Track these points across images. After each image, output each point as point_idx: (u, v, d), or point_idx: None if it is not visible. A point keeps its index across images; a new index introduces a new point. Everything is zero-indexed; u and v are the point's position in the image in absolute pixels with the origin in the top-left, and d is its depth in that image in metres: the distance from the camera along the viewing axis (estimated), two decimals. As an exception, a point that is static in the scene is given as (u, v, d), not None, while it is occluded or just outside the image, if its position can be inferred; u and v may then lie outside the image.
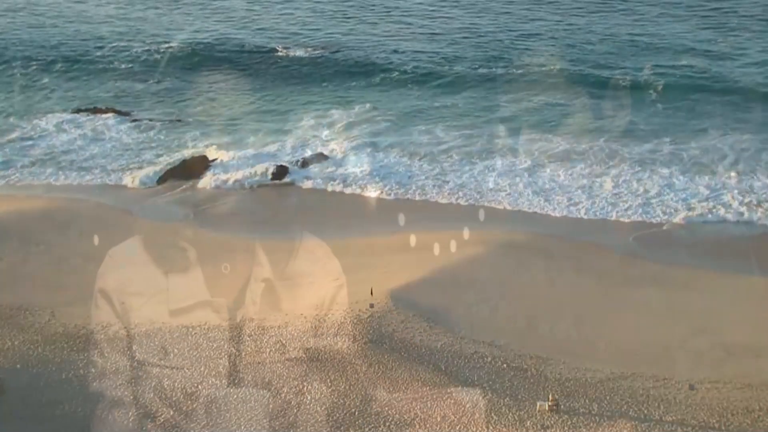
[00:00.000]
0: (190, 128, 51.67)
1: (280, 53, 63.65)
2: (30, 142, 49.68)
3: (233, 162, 46.82)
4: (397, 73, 59.22)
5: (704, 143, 46.91)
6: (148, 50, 64.73)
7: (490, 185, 43.03)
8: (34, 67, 61.97)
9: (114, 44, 66.36)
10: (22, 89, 58.20)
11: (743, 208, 39.92)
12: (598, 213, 40.09)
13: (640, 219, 39.62)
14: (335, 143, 48.67)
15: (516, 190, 42.44)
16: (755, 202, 40.43)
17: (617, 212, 40.04)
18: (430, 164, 45.66)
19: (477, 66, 60.14)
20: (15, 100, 56.54)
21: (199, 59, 63.31)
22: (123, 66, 62.14)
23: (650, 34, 65.30)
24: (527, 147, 47.36)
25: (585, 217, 39.99)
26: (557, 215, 40.24)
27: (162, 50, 64.58)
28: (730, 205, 40.33)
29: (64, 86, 58.59)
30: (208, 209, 42.15)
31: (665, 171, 43.86)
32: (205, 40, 66.66)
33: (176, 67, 61.74)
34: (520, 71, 58.71)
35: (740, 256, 36.38)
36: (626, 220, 39.62)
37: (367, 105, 54.52)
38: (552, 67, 58.32)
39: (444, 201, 42.07)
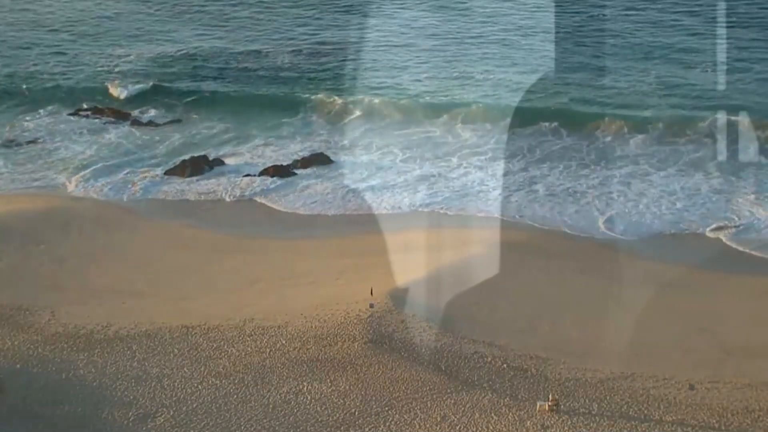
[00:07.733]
0: (189, 129, 51.65)
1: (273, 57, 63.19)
2: (29, 143, 49.63)
3: (233, 162, 46.86)
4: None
5: (703, 145, 46.86)
6: (151, 55, 64.70)
7: (489, 187, 42.94)
8: (34, 66, 62.00)
9: (114, 47, 66.40)
10: (22, 88, 58.17)
11: (743, 210, 39.97)
12: (598, 213, 40.09)
13: (640, 220, 39.61)
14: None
15: (514, 191, 42.33)
16: (754, 205, 40.46)
17: (617, 213, 40.05)
18: (425, 169, 45.48)
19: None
20: (15, 99, 56.56)
21: (198, 64, 63.11)
22: (123, 68, 62.10)
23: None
24: (529, 145, 47.36)
25: (584, 217, 39.96)
26: (555, 215, 40.17)
27: (162, 55, 64.62)
28: (730, 206, 40.38)
29: (64, 86, 58.50)
30: (207, 209, 42.15)
31: (664, 172, 43.85)
32: (205, 47, 66.46)
33: (177, 70, 61.64)
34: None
35: (739, 256, 36.44)
36: (626, 221, 39.60)
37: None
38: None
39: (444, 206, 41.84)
